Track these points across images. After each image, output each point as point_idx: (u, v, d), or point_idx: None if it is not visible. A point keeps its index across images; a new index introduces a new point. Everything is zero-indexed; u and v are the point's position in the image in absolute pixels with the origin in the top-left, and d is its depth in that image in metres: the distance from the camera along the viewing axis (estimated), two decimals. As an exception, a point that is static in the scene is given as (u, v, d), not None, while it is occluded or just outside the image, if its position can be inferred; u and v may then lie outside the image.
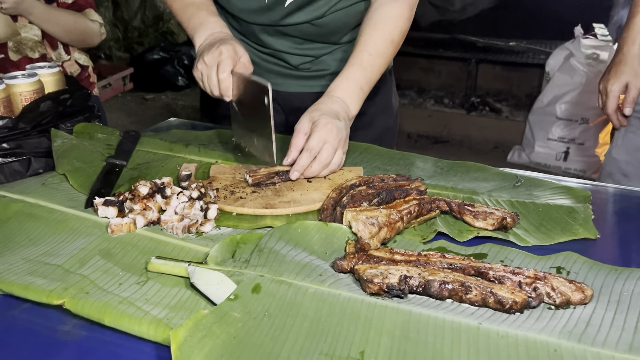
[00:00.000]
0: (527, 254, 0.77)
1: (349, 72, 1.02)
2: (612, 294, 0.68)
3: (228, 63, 0.94)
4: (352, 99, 1.01)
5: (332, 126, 0.93)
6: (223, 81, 0.96)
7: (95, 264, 0.74)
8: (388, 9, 1.06)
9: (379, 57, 1.03)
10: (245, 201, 0.88)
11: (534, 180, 0.99)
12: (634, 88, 1.27)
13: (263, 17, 1.15)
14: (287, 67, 1.24)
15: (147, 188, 0.87)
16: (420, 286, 0.67)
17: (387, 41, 1.04)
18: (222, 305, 0.63)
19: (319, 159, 0.93)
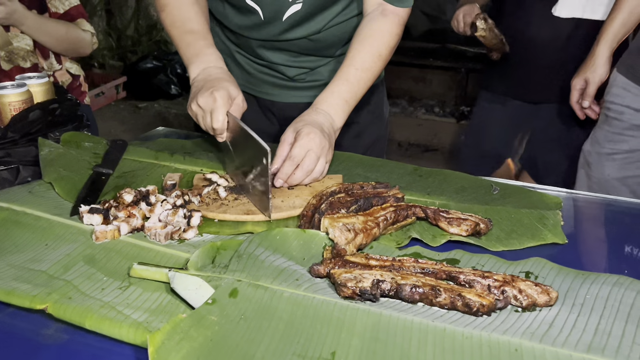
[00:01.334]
0: (499, 259, 0.79)
1: (335, 86, 1.05)
2: (577, 297, 0.71)
3: (221, 111, 0.96)
4: (336, 112, 1.04)
5: (314, 135, 0.96)
6: (217, 129, 0.98)
7: (78, 270, 0.76)
8: (377, 25, 1.09)
9: (365, 72, 1.06)
10: (227, 208, 0.90)
11: (509, 188, 1.02)
12: (592, 83, 1.39)
13: (261, 32, 1.18)
14: (282, 78, 1.27)
15: (132, 196, 0.89)
16: (392, 290, 0.70)
17: (374, 56, 1.07)
18: (200, 309, 0.65)
19: (302, 166, 0.95)
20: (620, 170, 1.35)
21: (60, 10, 1.73)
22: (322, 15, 1.16)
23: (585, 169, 1.43)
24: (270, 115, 1.34)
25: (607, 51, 1.36)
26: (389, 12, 1.09)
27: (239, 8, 1.16)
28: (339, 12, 1.17)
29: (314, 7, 1.13)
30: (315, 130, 0.97)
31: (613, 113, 1.36)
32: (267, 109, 1.34)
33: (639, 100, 1.31)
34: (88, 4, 4.70)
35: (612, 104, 1.36)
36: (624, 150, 1.35)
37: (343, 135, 1.31)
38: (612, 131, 1.37)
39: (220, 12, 1.22)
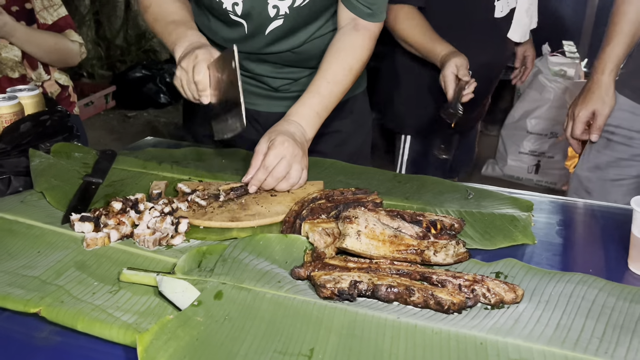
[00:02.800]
0: (472, 260, 0.84)
1: (307, 98, 1.10)
2: (543, 294, 0.75)
3: (203, 65, 0.99)
4: (308, 123, 1.08)
5: (288, 144, 1.01)
6: (200, 82, 1.00)
7: (70, 275, 0.79)
8: (349, 39, 1.14)
9: (336, 85, 1.11)
10: (212, 215, 0.94)
11: (484, 192, 1.06)
12: (601, 116, 1.31)
13: (245, 45, 1.22)
14: (267, 89, 1.31)
15: (120, 204, 0.92)
16: (369, 290, 0.74)
17: (345, 70, 1.11)
18: (187, 310, 0.69)
19: (273, 174, 1.00)
20: (627, 195, 1.32)
21: (49, 21, 1.76)
22: (303, 30, 1.20)
23: (582, 194, 1.39)
24: (256, 124, 1.38)
25: (613, 80, 1.30)
26: (360, 27, 1.14)
27: (225, 22, 1.20)
28: (320, 27, 1.22)
29: (296, 22, 1.17)
30: (288, 139, 1.01)
31: (619, 138, 1.32)
32: (253, 119, 1.37)
33: None
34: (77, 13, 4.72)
35: (617, 128, 1.32)
36: (633, 176, 1.32)
37: (328, 143, 1.36)
38: (618, 157, 1.33)
39: (206, 25, 1.26)
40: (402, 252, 0.82)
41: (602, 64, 1.29)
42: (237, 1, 1.14)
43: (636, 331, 0.68)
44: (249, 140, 1.34)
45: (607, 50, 1.29)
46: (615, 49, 1.28)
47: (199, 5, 1.25)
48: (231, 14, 1.16)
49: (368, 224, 0.82)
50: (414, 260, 0.82)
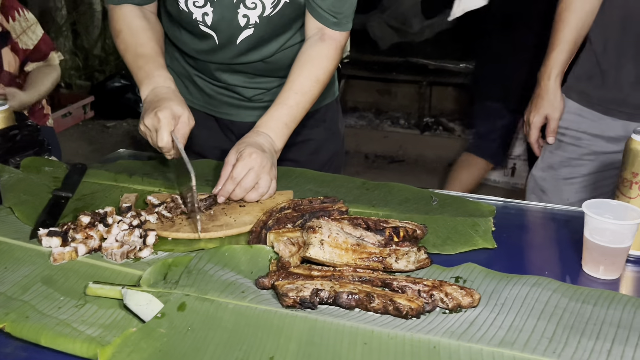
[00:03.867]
0: (434, 265, 0.86)
1: (275, 109, 1.12)
2: (500, 297, 0.78)
3: (165, 130, 1.02)
4: (276, 134, 1.11)
5: (255, 155, 1.02)
6: (163, 147, 1.04)
7: (36, 290, 0.80)
8: (315, 50, 1.16)
9: (304, 96, 1.13)
10: (180, 226, 0.95)
11: (448, 198, 1.09)
12: (553, 119, 1.37)
13: (217, 56, 1.24)
14: (241, 99, 1.33)
15: (89, 218, 0.93)
16: (331, 298, 0.76)
17: (312, 81, 1.14)
18: (150, 322, 0.70)
19: (242, 184, 1.02)
20: (578, 193, 1.39)
21: (30, 45, 1.77)
22: (274, 40, 1.22)
23: (538, 194, 1.46)
24: (229, 134, 1.40)
25: (559, 85, 1.36)
26: (327, 37, 1.16)
27: (195, 34, 1.22)
28: (290, 37, 1.24)
29: (266, 32, 1.19)
30: (256, 150, 1.03)
31: (569, 139, 1.39)
32: (227, 129, 1.39)
33: (596, 125, 1.35)
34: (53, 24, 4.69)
35: (567, 129, 1.39)
36: (583, 175, 1.38)
37: (301, 152, 1.38)
38: (569, 157, 1.39)
39: (178, 38, 1.27)
40: (365, 259, 0.84)
41: (548, 70, 1.35)
42: (207, 11, 1.15)
43: (585, 331, 0.71)
44: (223, 150, 1.36)
45: (551, 57, 1.35)
46: (559, 56, 1.33)
47: (169, 17, 1.26)
48: (201, 24, 1.18)
49: (331, 233, 0.84)
50: (376, 267, 0.84)
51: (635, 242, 0.88)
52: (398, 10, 5.94)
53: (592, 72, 1.34)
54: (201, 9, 1.16)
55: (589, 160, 1.37)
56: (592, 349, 0.67)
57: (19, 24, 1.74)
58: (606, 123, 1.33)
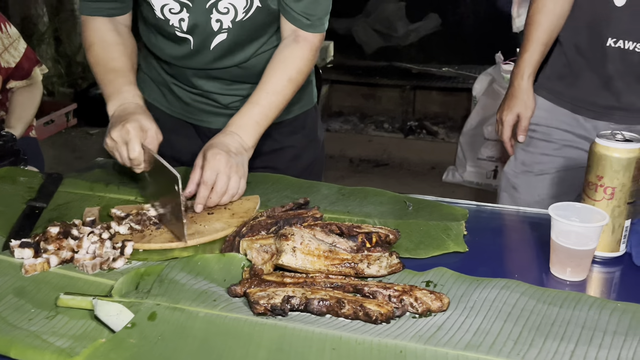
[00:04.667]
0: (406, 270, 0.87)
1: (246, 108, 1.14)
2: (469, 301, 0.79)
3: (136, 142, 1.02)
4: (246, 131, 1.11)
5: (220, 156, 1.03)
6: (134, 159, 1.04)
7: (7, 302, 0.80)
8: (289, 51, 1.18)
9: (276, 95, 1.14)
10: (152, 237, 0.95)
11: (422, 203, 1.10)
12: (524, 118, 1.40)
13: (192, 61, 1.24)
14: (217, 106, 1.34)
15: (58, 229, 0.92)
16: (302, 304, 0.76)
17: (284, 80, 1.15)
18: (120, 333, 0.70)
19: (215, 189, 1.02)
20: (551, 188, 1.42)
21: (12, 63, 1.75)
22: (248, 45, 1.23)
23: (510, 191, 1.48)
24: (207, 141, 1.40)
25: (531, 84, 1.39)
26: (301, 39, 1.17)
27: (171, 39, 1.22)
28: (265, 42, 1.25)
29: (239, 36, 1.20)
30: (221, 151, 1.04)
31: (539, 135, 1.42)
32: (205, 136, 1.39)
33: (566, 121, 1.38)
34: (35, 31, 4.66)
35: (537, 125, 1.42)
36: (554, 170, 1.41)
37: (280, 159, 1.39)
38: (540, 152, 1.42)
39: (154, 43, 1.28)
40: (337, 266, 0.85)
41: (521, 70, 1.38)
42: (183, 17, 1.17)
43: (550, 332, 0.72)
44: None
45: (524, 57, 1.38)
46: (531, 57, 1.36)
47: (146, 24, 1.27)
48: (177, 30, 1.19)
49: (303, 241, 0.85)
50: (348, 273, 0.85)
51: (601, 243, 0.90)
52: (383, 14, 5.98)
53: (563, 72, 1.38)
54: (177, 15, 1.17)
55: (560, 155, 1.40)
56: (556, 350, 0.68)
57: (1, 41, 1.72)
58: (576, 120, 1.37)
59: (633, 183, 0.88)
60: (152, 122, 1.08)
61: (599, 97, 1.32)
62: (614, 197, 0.88)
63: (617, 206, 0.89)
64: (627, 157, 0.87)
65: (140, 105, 1.12)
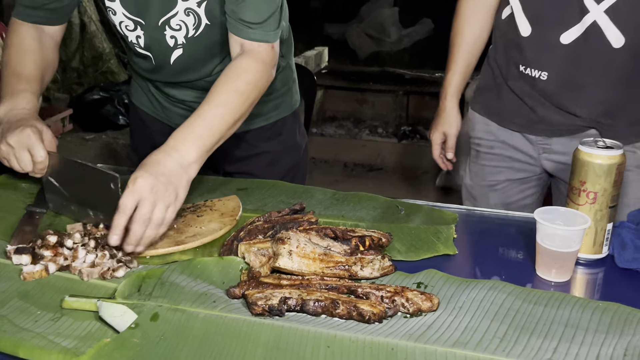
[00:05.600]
0: (398, 272, 0.91)
1: (187, 122, 1.04)
2: (458, 301, 0.83)
3: (39, 146, 1.02)
4: (184, 145, 1.00)
5: (141, 179, 0.91)
6: (41, 163, 1.03)
7: (13, 305, 0.82)
8: (235, 63, 1.12)
9: (221, 107, 1.05)
10: (156, 243, 0.98)
11: (414, 207, 1.14)
12: (450, 136, 1.44)
13: (157, 75, 1.29)
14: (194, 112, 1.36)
15: (55, 237, 0.95)
16: (298, 305, 0.80)
17: (230, 92, 1.07)
18: (124, 333, 0.73)
19: (135, 217, 0.90)
20: (505, 199, 1.45)
21: None
22: (208, 61, 1.25)
23: (471, 200, 1.51)
24: None
25: (456, 104, 1.43)
26: (247, 50, 1.12)
27: (136, 54, 1.27)
28: (226, 56, 1.22)
29: (195, 52, 1.22)
30: (143, 173, 0.92)
31: (484, 148, 1.44)
32: None
33: (502, 132, 1.39)
34: (31, 37, 4.67)
35: (480, 139, 1.44)
36: (503, 180, 1.44)
37: (256, 164, 1.42)
38: (488, 164, 1.45)
39: (129, 58, 1.33)
40: (332, 268, 0.88)
41: (445, 90, 1.42)
42: (139, 34, 1.20)
43: (535, 330, 0.76)
44: None
45: (447, 77, 1.42)
46: (454, 77, 1.40)
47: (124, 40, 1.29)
48: (136, 46, 1.23)
49: (299, 244, 0.88)
50: (342, 275, 0.88)
51: (584, 246, 0.94)
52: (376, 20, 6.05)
53: (490, 85, 1.40)
54: (133, 32, 1.20)
55: (505, 167, 1.42)
56: (540, 346, 0.72)
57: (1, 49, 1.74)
58: (506, 132, 1.38)
59: (614, 188, 0.92)
60: (44, 125, 1.06)
61: (519, 111, 1.34)
62: (596, 201, 0.92)
63: (600, 210, 0.93)
64: (609, 163, 0.91)
65: (33, 112, 1.09)
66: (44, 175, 1.06)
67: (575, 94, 1.24)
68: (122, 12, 1.17)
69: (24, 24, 1.19)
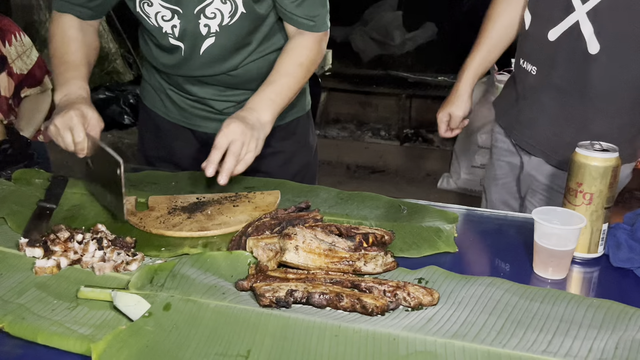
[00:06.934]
0: (400, 268, 0.94)
1: (260, 89, 1.21)
2: (458, 297, 0.86)
3: (80, 128, 1.10)
4: (261, 107, 1.18)
5: (234, 125, 1.09)
6: (79, 143, 1.11)
7: (31, 294, 0.86)
8: (296, 41, 1.27)
9: (287, 77, 1.22)
10: (182, 225, 1.03)
11: (416, 207, 1.17)
12: (455, 117, 1.48)
13: (183, 69, 1.32)
14: (212, 111, 1.40)
15: (67, 233, 0.98)
16: (304, 297, 0.83)
17: (295, 64, 1.23)
18: (138, 321, 0.77)
19: (229, 151, 1.07)
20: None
21: (24, 70, 1.81)
22: (236, 52, 1.30)
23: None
24: (205, 146, 1.46)
25: (470, 88, 1.46)
26: (306, 34, 1.26)
27: (164, 48, 1.30)
28: (253, 50, 1.31)
29: (227, 41, 1.27)
30: (235, 120, 1.10)
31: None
32: (203, 140, 1.46)
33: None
34: (37, 37, 4.72)
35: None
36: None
37: (271, 164, 1.45)
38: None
39: (148, 53, 1.36)
40: (336, 263, 0.92)
41: (462, 73, 1.47)
42: (175, 23, 1.24)
43: (531, 325, 0.79)
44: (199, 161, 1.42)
45: (467, 61, 1.46)
46: (474, 61, 1.44)
47: (142, 36, 1.35)
48: (171, 36, 1.26)
49: (305, 240, 0.92)
50: (346, 270, 0.92)
51: (580, 246, 0.97)
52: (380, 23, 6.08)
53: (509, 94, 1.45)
54: (169, 22, 1.24)
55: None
56: (535, 340, 0.75)
57: (15, 48, 1.78)
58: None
59: (609, 190, 0.95)
60: (94, 111, 1.15)
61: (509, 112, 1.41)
62: (592, 202, 0.96)
63: (595, 211, 0.96)
64: (604, 166, 0.94)
65: (84, 96, 1.19)
66: (85, 155, 1.13)
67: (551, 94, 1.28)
68: (159, 3, 1.21)
69: (65, 15, 1.27)
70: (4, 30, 1.76)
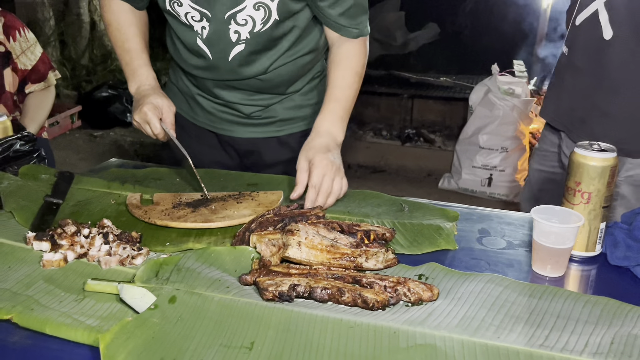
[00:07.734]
0: (400, 264, 0.96)
1: (328, 107, 1.22)
2: (457, 292, 0.88)
3: (155, 121, 1.20)
4: (336, 128, 1.21)
5: (326, 162, 1.13)
6: (158, 134, 1.22)
7: (39, 287, 0.88)
8: (346, 48, 1.26)
9: (348, 89, 1.24)
10: (187, 218, 1.06)
11: (417, 205, 1.19)
12: None
13: (212, 73, 1.31)
14: (240, 115, 1.40)
15: (74, 227, 1.00)
16: (306, 292, 0.85)
17: (352, 74, 1.25)
18: (144, 313, 0.78)
19: (321, 190, 1.12)
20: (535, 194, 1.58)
21: (28, 66, 1.83)
22: (266, 56, 1.28)
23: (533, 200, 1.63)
24: (229, 149, 1.47)
25: None
26: (350, 40, 1.26)
27: (192, 50, 1.29)
28: (282, 53, 1.29)
29: (257, 46, 1.25)
30: (325, 155, 1.14)
31: None
32: (227, 144, 1.46)
33: None
34: (41, 34, 4.74)
35: None
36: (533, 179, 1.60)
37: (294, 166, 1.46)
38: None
39: (179, 55, 1.35)
40: (338, 259, 0.93)
41: None
42: (205, 25, 1.23)
43: (529, 320, 0.80)
44: (223, 165, 1.44)
45: None
46: None
47: (170, 37, 1.35)
48: (199, 37, 1.25)
49: (308, 236, 0.94)
50: (348, 266, 0.93)
51: (579, 244, 0.98)
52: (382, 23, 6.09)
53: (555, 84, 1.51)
54: (199, 23, 1.23)
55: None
56: (532, 334, 0.77)
57: (19, 44, 1.80)
58: None
59: (607, 189, 0.97)
60: (164, 97, 1.23)
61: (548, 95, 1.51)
62: (590, 201, 0.97)
63: (593, 210, 0.98)
64: (602, 166, 0.96)
65: (153, 85, 1.26)
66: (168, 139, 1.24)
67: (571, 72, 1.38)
68: (188, 3, 1.21)
69: (113, 0, 1.31)
70: (9, 25, 1.78)
